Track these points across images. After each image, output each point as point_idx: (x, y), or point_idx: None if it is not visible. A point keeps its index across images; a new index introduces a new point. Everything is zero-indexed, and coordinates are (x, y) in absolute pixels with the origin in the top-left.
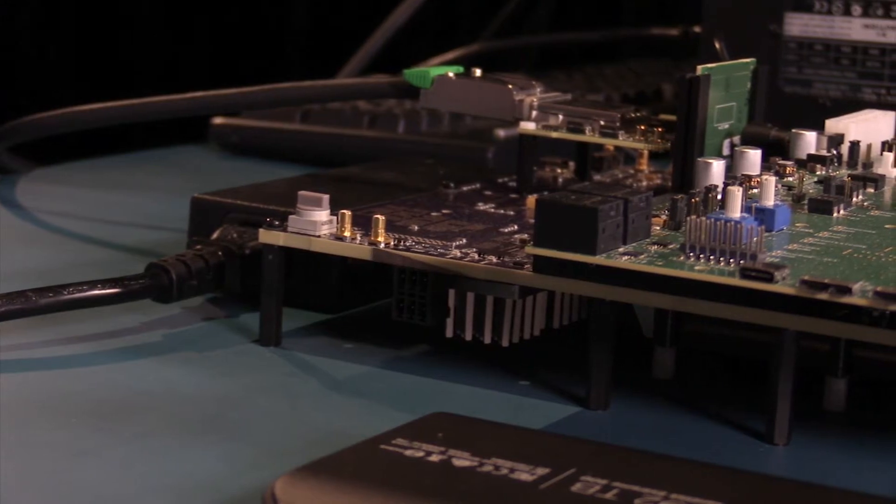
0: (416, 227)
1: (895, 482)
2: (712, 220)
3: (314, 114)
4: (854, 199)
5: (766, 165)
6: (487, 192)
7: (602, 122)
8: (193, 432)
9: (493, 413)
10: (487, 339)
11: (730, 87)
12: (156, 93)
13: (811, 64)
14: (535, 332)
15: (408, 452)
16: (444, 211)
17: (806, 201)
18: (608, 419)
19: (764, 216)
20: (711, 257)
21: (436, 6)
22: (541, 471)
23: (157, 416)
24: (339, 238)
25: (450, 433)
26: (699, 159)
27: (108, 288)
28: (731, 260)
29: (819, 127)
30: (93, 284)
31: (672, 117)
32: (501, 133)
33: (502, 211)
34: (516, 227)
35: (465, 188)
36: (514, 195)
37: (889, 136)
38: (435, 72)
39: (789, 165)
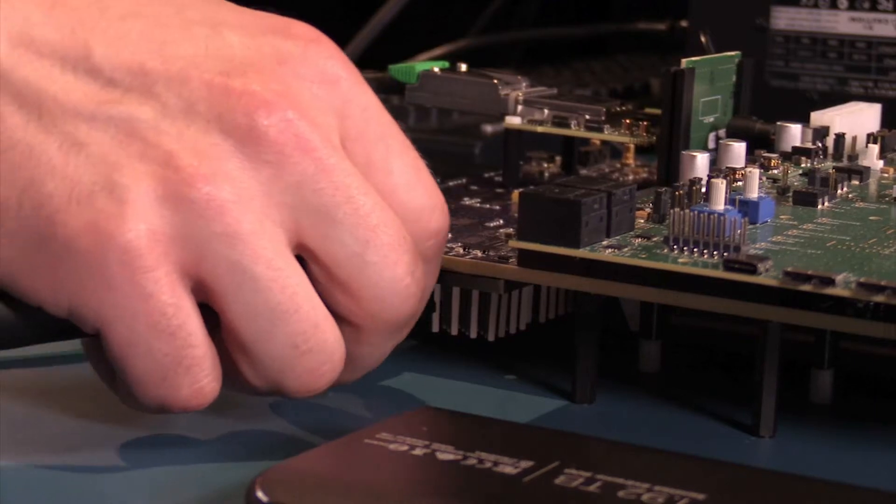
0: None
1: (880, 474)
2: (696, 212)
3: None
4: (839, 192)
5: (751, 158)
6: (473, 187)
7: (587, 117)
8: (178, 427)
9: (479, 407)
10: (473, 334)
11: (714, 80)
12: None
13: (798, 57)
14: (520, 326)
15: (392, 446)
16: None
17: (790, 193)
18: (594, 413)
19: (748, 208)
20: (695, 250)
21: (423, 2)
22: (524, 464)
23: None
24: None
25: (434, 427)
26: (684, 152)
27: None
28: (715, 252)
29: (805, 121)
30: None
31: (657, 111)
32: (489, 129)
33: (488, 206)
34: (502, 221)
35: (450, 183)
36: (499, 190)
37: (874, 128)
38: (420, 67)
39: (774, 158)
